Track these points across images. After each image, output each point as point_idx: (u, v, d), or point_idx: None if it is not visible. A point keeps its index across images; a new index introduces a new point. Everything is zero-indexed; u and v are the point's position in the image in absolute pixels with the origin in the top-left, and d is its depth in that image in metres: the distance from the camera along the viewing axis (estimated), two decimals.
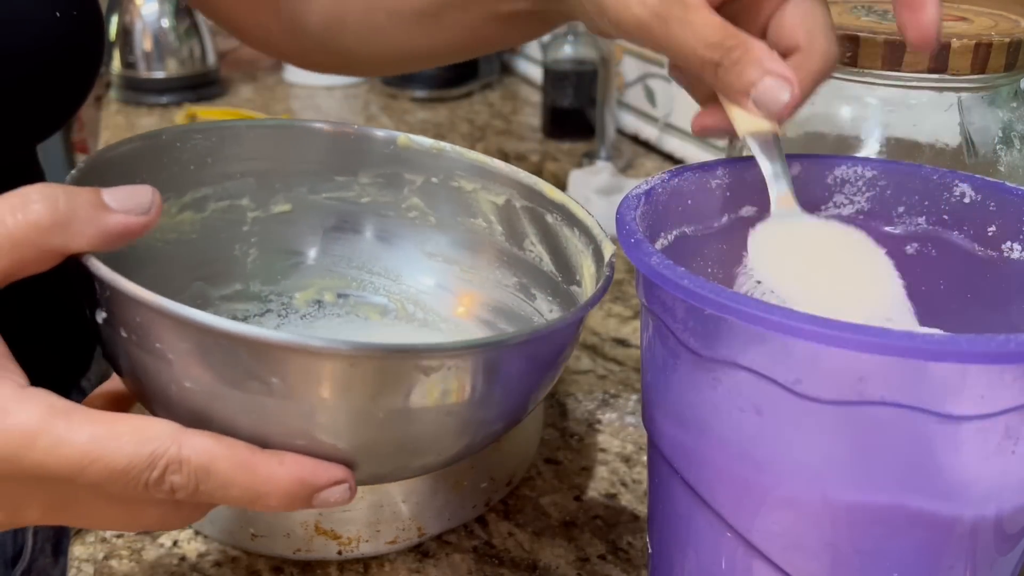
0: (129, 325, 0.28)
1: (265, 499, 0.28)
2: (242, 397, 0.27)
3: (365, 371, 0.27)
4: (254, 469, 0.27)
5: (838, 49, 0.33)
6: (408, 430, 0.29)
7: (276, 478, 0.28)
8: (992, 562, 0.30)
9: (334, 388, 0.27)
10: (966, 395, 0.26)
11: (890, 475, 0.28)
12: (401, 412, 0.28)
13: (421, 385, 0.28)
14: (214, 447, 0.27)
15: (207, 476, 0.27)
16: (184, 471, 0.27)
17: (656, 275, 0.28)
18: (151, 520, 0.30)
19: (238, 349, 0.26)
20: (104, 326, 0.29)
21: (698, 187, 0.36)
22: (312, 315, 0.44)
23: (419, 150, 0.43)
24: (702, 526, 0.33)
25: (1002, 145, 0.41)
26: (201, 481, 0.27)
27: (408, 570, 0.44)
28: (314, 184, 0.43)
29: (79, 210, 0.28)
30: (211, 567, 0.45)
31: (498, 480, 0.47)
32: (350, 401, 0.28)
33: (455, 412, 0.29)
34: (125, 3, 1.29)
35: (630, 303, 0.72)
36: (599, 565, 0.45)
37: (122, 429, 0.26)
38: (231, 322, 0.26)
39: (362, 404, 0.28)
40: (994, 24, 0.42)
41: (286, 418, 0.28)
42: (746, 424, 0.29)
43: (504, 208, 0.43)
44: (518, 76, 1.50)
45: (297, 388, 0.27)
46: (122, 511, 0.29)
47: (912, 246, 0.37)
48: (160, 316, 0.27)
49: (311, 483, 0.28)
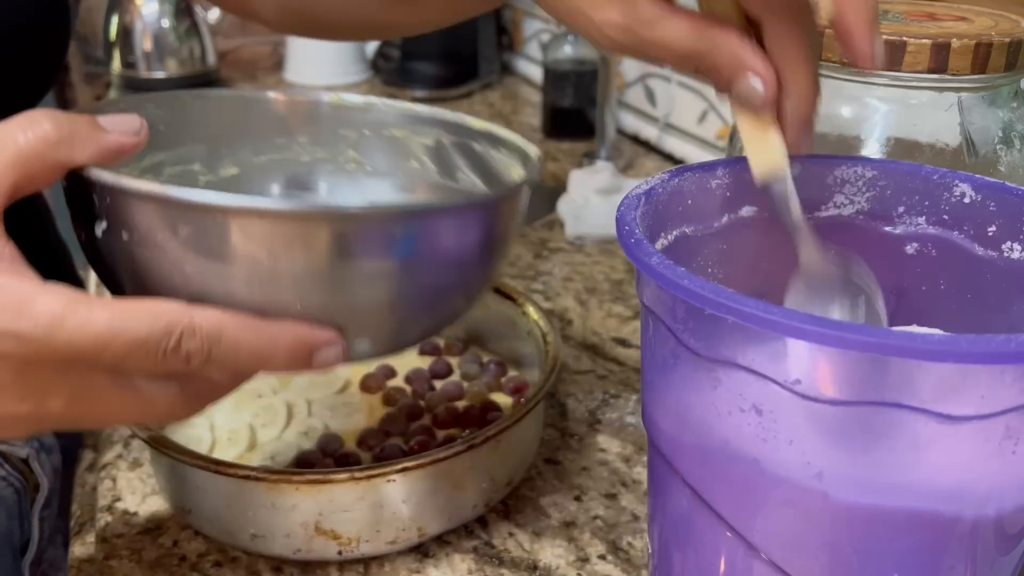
0: (129, 225, 0.31)
1: (271, 360, 0.31)
2: (237, 271, 0.31)
3: (347, 229, 0.31)
4: (259, 331, 0.30)
5: (818, 88, 0.33)
6: (376, 292, 0.33)
7: (279, 338, 0.31)
8: (992, 562, 0.30)
9: (318, 250, 0.31)
10: (966, 395, 0.26)
11: (890, 475, 0.28)
12: (369, 274, 0.32)
13: (383, 244, 0.32)
14: (222, 315, 0.30)
15: (218, 340, 0.30)
16: (198, 337, 0.29)
17: (656, 275, 0.28)
18: (162, 406, 0.32)
19: (230, 222, 0.30)
20: (104, 238, 0.32)
21: (698, 187, 0.36)
22: None
23: (351, 107, 0.47)
24: (702, 526, 0.33)
25: (1002, 145, 0.41)
26: (213, 345, 0.30)
27: (408, 570, 0.44)
28: (258, 147, 0.46)
29: (81, 128, 0.31)
30: (211, 567, 0.45)
31: (498, 480, 0.47)
32: (334, 265, 0.31)
33: (414, 275, 0.33)
34: (125, 3, 1.29)
35: (630, 303, 0.72)
36: (599, 565, 0.45)
37: (139, 307, 0.29)
38: (229, 195, 0.30)
39: (342, 267, 0.31)
40: (994, 24, 0.42)
41: (276, 286, 0.31)
42: (746, 424, 0.29)
43: (435, 148, 0.47)
44: (518, 76, 1.50)
45: (281, 253, 0.30)
46: (136, 398, 0.31)
47: (912, 246, 0.37)
48: (161, 203, 0.30)
49: (309, 342, 0.31)
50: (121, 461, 0.53)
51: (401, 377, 0.57)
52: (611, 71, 0.99)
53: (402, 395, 0.55)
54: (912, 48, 0.40)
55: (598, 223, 0.84)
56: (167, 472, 0.46)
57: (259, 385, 0.55)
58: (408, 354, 0.61)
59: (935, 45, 0.39)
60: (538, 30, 1.42)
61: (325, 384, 0.56)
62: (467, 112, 0.48)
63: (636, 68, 1.13)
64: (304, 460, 0.49)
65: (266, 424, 0.52)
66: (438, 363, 0.58)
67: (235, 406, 0.54)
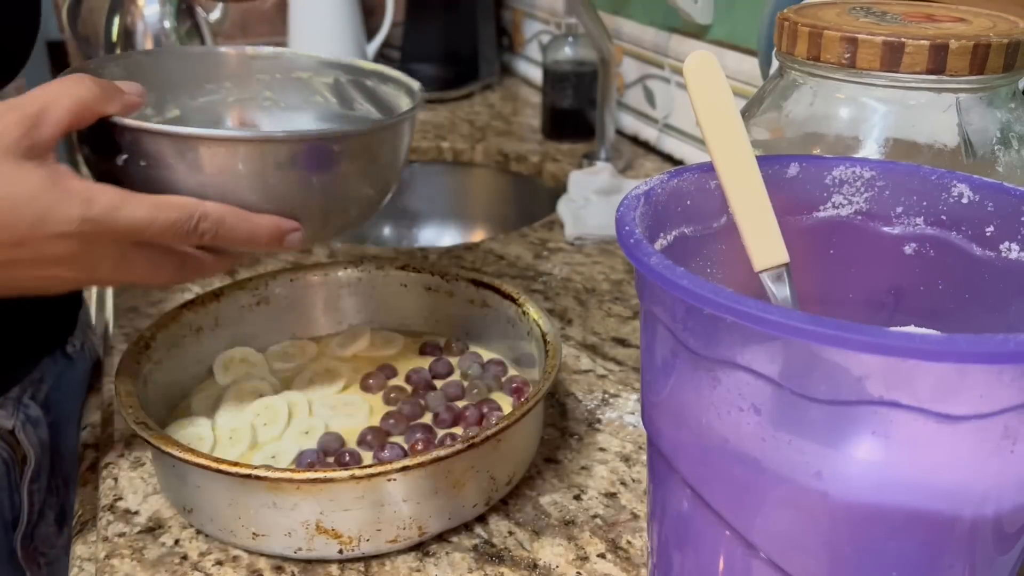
0: (146, 154, 0.44)
1: (256, 240, 0.46)
2: (224, 181, 0.45)
3: (299, 149, 0.45)
4: (248, 219, 0.45)
5: None
6: (316, 193, 0.47)
7: (262, 224, 0.46)
8: (991, 561, 0.30)
9: (279, 164, 0.45)
10: (964, 395, 0.26)
11: (889, 475, 0.28)
12: (309, 180, 0.46)
13: (314, 159, 0.46)
14: (223, 207, 0.44)
15: (222, 223, 0.44)
16: (209, 219, 0.44)
17: (655, 275, 0.28)
18: (169, 272, 0.45)
19: (218, 147, 0.44)
20: (123, 166, 0.45)
21: (697, 188, 0.36)
22: None
23: (264, 56, 0.61)
24: (701, 525, 0.33)
25: (1000, 146, 0.41)
26: (219, 226, 0.44)
27: (408, 569, 0.45)
28: (192, 93, 0.60)
29: (111, 89, 0.44)
30: (212, 566, 0.45)
31: (498, 479, 0.47)
32: (285, 174, 0.46)
33: (339, 180, 0.48)
34: (127, 4, 1.29)
35: (630, 303, 0.72)
36: (599, 564, 0.45)
37: (169, 200, 0.43)
38: (221, 130, 0.49)
39: (295, 175, 0.46)
40: (992, 25, 0.43)
41: (250, 191, 0.45)
42: (745, 423, 0.29)
43: (334, 85, 0.61)
44: (518, 77, 1.50)
45: (256, 170, 0.45)
46: (154, 265, 0.45)
47: (910, 246, 0.37)
48: (171, 138, 0.44)
49: (281, 228, 0.46)
50: (123, 460, 0.53)
51: (402, 377, 0.58)
52: (611, 72, 0.99)
53: (403, 395, 0.55)
54: (910, 49, 0.40)
55: (598, 223, 0.84)
56: (169, 471, 0.46)
57: (261, 385, 0.56)
58: (409, 354, 0.61)
59: (933, 46, 0.39)
60: (538, 31, 1.42)
61: (326, 384, 0.56)
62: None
63: (636, 69, 1.13)
64: (305, 460, 0.49)
65: (267, 424, 0.52)
66: (439, 363, 0.58)
67: (237, 406, 0.54)
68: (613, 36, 1.09)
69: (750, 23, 0.92)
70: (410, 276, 0.62)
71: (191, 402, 0.55)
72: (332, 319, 0.63)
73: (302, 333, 0.62)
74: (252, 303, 0.59)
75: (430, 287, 0.61)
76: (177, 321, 0.55)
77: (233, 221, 0.44)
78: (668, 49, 1.05)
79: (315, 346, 0.61)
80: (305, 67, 0.61)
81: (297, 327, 0.62)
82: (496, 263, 0.81)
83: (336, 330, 0.63)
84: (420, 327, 0.63)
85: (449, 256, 0.82)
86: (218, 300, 0.57)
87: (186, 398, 0.55)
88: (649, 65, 1.10)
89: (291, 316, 0.61)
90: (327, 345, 0.61)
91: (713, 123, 0.33)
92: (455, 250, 0.84)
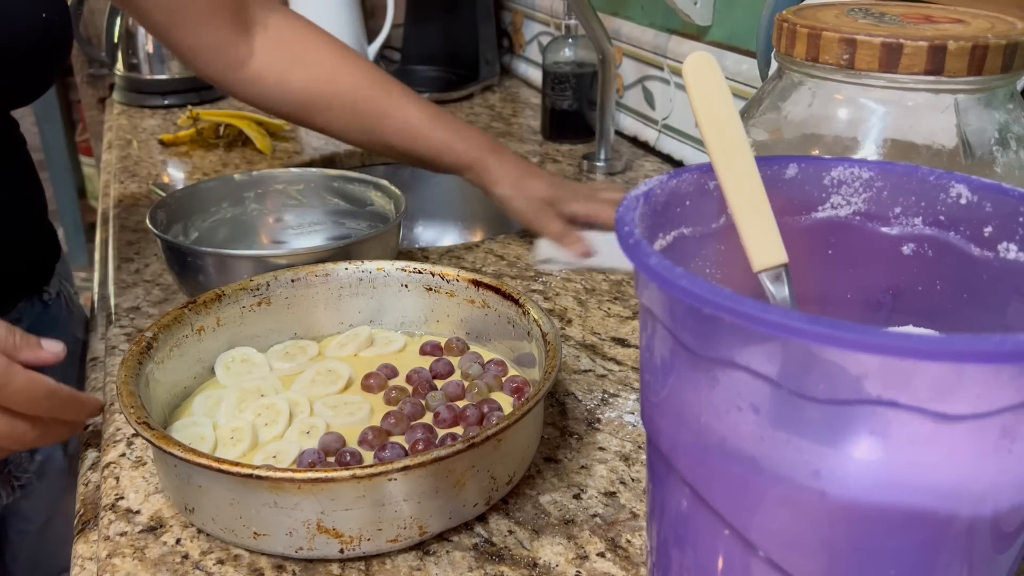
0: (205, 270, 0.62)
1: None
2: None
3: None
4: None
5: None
6: None
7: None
8: (989, 560, 0.30)
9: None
10: (963, 395, 0.26)
11: (887, 474, 0.28)
12: None
13: None
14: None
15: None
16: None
17: (655, 275, 0.28)
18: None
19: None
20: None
21: (696, 189, 0.36)
22: None
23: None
24: (701, 524, 0.33)
25: (998, 146, 0.42)
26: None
27: (409, 568, 0.45)
28: (212, 212, 0.80)
29: (26, 341, 0.51)
30: (214, 565, 0.45)
31: (498, 479, 0.47)
32: None
33: None
34: None
35: (630, 303, 0.72)
36: (598, 563, 0.45)
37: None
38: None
39: None
40: (990, 26, 0.43)
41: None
42: (743, 423, 0.29)
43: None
44: (518, 78, 1.50)
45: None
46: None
47: (909, 247, 0.37)
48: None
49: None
50: (124, 460, 0.53)
51: (402, 377, 0.58)
52: (610, 74, 0.99)
53: (403, 394, 0.55)
54: (909, 50, 0.40)
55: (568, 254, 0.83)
56: (170, 471, 0.46)
57: (262, 385, 0.56)
58: (409, 354, 0.61)
59: (931, 47, 0.39)
60: (538, 32, 1.42)
61: (327, 384, 0.57)
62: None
63: (635, 70, 1.13)
64: (306, 459, 0.49)
65: (268, 423, 0.52)
66: (439, 363, 0.58)
67: (238, 405, 0.54)
68: (613, 37, 1.09)
69: (749, 24, 0.92)
70: (411, 276, 0.62)
71: (192, 402, 0.55)
72: (333, 319, 0.63)
73: (303, 333, 0.62)
74: (253, 303, 0.59)
75: (431, 287, 0.62)
76: (179, 321, 0.55)
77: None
78: (667, 50, 1.05)
79: (316, 346, 0.61)
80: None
81: (298, 327, 0.62)
82: (496, 263, 0.81)
83: (337, 330, 0.63)
84: (421, 327, 0.63)
85: (449, 256, 0.82)
86: (220, 300, 0.58)
87: (188, 398, 0.55)
88: (648, 66, 1.10)
89: (292, 316, 0.61)
90: (328, 345, 0.62)
91: (712, 124, 0.33)
92: (455, 250, 0.84)
